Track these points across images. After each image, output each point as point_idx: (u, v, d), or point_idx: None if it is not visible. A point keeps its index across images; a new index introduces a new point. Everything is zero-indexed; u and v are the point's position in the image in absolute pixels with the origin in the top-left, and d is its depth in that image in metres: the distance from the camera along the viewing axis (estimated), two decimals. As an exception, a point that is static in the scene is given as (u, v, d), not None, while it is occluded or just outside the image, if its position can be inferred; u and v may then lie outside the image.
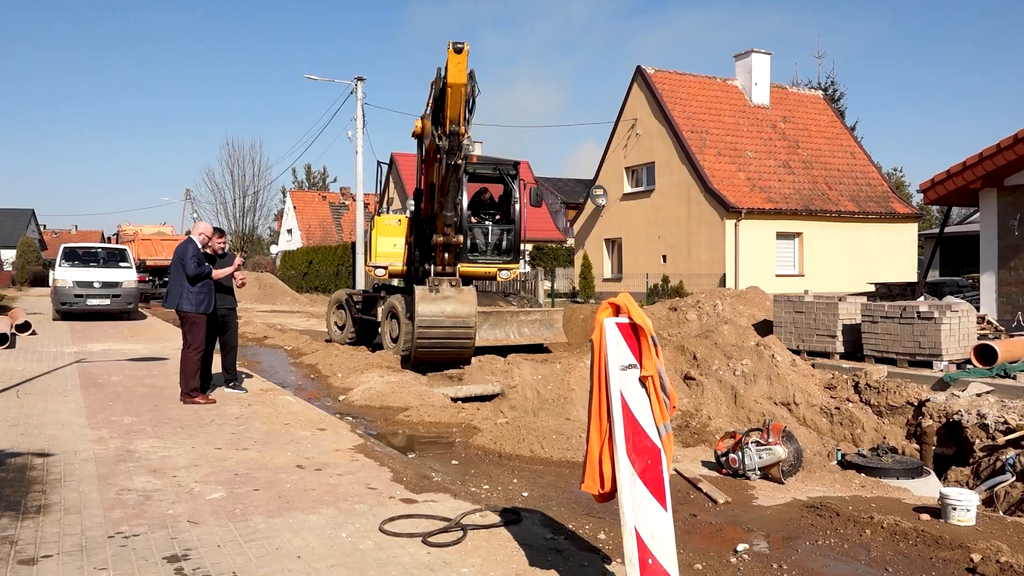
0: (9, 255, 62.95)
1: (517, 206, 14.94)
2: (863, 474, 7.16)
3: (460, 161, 11.69)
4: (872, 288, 19.30)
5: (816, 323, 12.75)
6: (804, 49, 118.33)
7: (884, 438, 8.98)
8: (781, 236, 26.28)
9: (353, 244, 32.58)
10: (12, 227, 73.32)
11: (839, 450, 8.06)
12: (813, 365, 11.56)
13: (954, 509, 5.63)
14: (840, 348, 12.43)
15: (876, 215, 27.90)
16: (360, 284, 27.96)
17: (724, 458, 6.91)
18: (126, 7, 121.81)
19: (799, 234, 26.66)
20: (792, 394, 9.75)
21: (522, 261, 15.96)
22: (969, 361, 10.75)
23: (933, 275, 25.70)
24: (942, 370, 10.69)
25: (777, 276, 25.58)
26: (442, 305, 11.89)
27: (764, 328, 14.02)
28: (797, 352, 12.40)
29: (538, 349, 14.27)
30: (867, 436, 9.02)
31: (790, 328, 13.16)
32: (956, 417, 8.67)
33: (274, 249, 63.15)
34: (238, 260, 9.75)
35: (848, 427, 9.18)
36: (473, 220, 14.73)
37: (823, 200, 27.41)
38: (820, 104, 32.31)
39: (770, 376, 10.03)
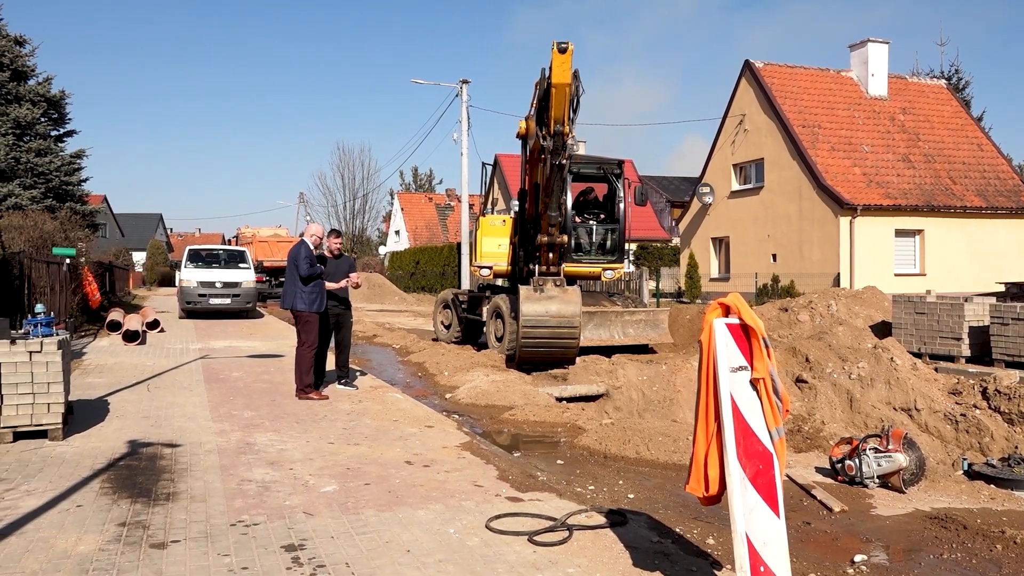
0: (140, 257, 67.08)
1: (621, 205, 14.83)
2: (992, 485, 6.75)
3: (564, 161, 11.68)
4: (1002, 288, 18.16)
5: (939, 325, 12.11)
6: (925, 38, 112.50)
7: (1016, 448, 8.42)
8: (900, 233, 25.06)
9: (459, 244, 33.07)
10: (143, 231, 78.10)
11: (965, 459, 7.62)
12: (936, 369, 10.98)
13: (1097, 526, 5.23)
14: (966, 352, 11.77)
15: (1006, 210, 26.21)
16: (465, 284, 28.35)
17: (840, 465, 6.66)
18: (242, 10, 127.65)
19: (920, 231, 25.37)
20: (913, 399, 9.27)
21: (627, 261, 15.82)
22: (1113, 367, 9.98)
23: (1071, 274, 23.96)
24: (1082, 376, 9.96)
25: (896, 276, 24.41)
26: (546, 305, 11.91)
27: (882, 330, 13.42)
28: (918, 355, 11.81)
29: (643, 350, 14.12)
30: (996, 445, 8.48)
31: (911, 330, 12.55)
32: (1099, 427, 8.05)
33: (382, 250, 64.86)
34: (354, 279, 9.99)
35: (975, 435, 8.65)
36: (577, 220, 14.71)
37: (946, 195, 25.97)
38: (943, 94, 30.60)
39: (889, 380, 9.57)
